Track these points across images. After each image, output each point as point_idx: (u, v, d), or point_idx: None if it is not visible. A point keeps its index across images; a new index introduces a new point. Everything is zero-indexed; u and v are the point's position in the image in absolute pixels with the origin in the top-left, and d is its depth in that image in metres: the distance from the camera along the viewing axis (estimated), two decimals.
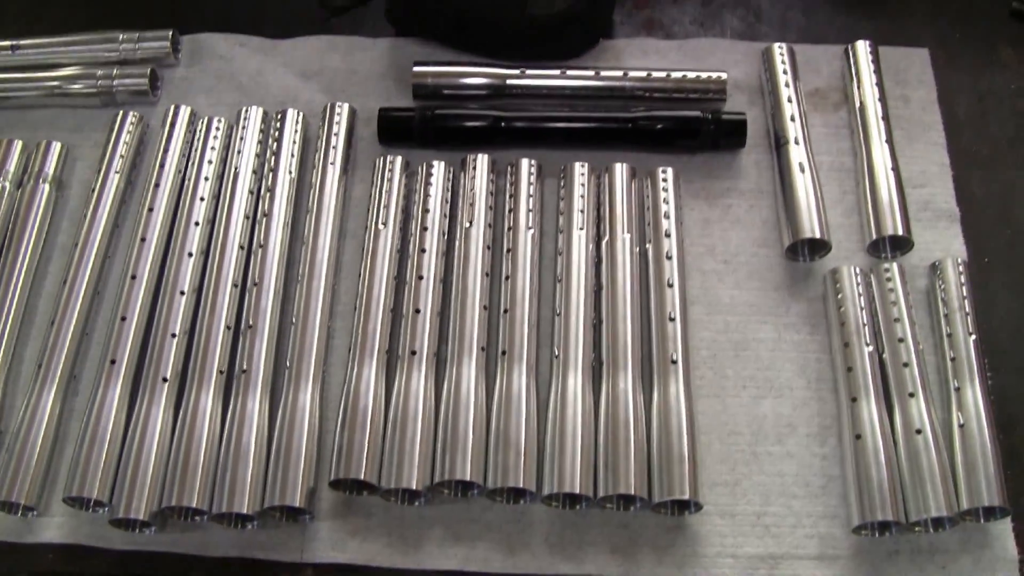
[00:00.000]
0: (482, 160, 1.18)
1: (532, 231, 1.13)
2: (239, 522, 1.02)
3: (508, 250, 1.12)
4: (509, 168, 1.18)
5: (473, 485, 1.01)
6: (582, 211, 1.14)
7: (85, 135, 1.26)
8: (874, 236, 1.12)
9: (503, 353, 1.06)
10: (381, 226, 1.14)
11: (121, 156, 1.20)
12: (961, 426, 1.02)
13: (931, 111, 1.24)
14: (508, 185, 1.17)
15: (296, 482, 1.01)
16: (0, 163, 1.22)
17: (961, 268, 1.10)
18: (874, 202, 1.14)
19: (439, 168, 1.18)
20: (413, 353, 1.06)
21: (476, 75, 1.23)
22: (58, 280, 1.15)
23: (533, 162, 1.18)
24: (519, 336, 1.07)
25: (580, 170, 1.16)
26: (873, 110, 1.19)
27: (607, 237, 1.12)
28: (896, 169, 1.15)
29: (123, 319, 1.09)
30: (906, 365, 1.04)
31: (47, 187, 1.19)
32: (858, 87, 1.22)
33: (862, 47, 1.24)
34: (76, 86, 1.26)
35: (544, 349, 1.09)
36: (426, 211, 1.15)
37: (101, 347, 1.10)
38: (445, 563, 1.01)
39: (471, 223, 1.14)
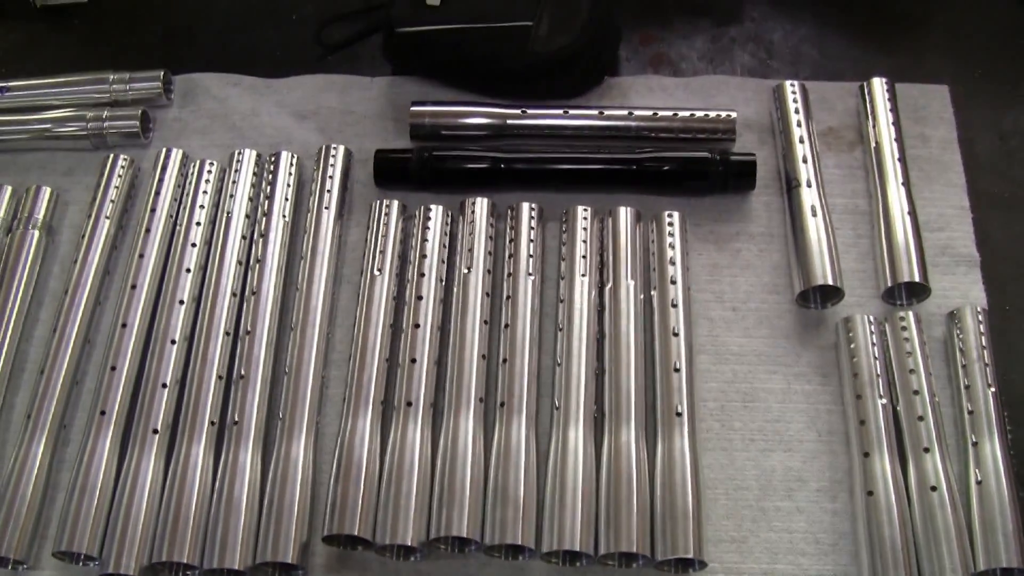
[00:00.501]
0: (481, 204, 1.22)
1: (533, 277, 1.17)
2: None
3: (508, 297, 1.16)
4: (509, 211, 1.22)
5: (470, 541, 1.04)
6: (584, 256, 1.17)
7: (76, 178, 1.31)
8: (889, 283, 1.15)
9: (502, 404, 1.09)
10: (376, 272, 1.18)
11: (111, 201, 1.25)
12: (979, 483, 1.05)
13: (951, 150, 1.28)
14: (508, 229, 1.21)
15: (288, 537, 1.04)
16: None
17: (980, 316, 1.13)
18: (890, 247, 1.17)
19: (437, 212, 1.22)
20: (409, 404, 1.10)
21: (475, 115, 1.27)
22: (49, 327, 1.19)
23: (534, 205, 1.22)
24: (518, 387, 1.10)
25: (583, 214, 1.20)
26: (889, 150, 1.23)
27: (610, 283, 1.16)
28: (913, 213, 1.18)
29: (113, 368, 1.14)
30: (921, 419, 1.07)
31: (36, 233, 1.24)
32: (874, 126, 1.25)
33: (878, 84, 1.28)
34: (66, 129, 1.31)
35: (545, 399, 1.13)
36: (423, 256, 1.19)
37: (92, 396, 1.14)
38: None
39: (470, 269, 1.17)
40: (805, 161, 1.22)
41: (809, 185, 1.20)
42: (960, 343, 1.12)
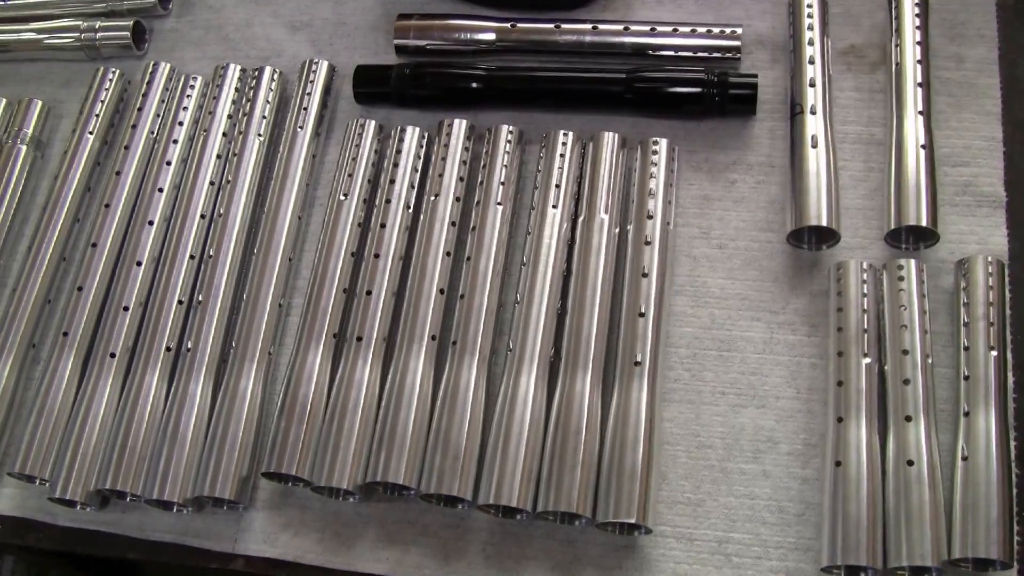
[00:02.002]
0: (458, 126, 1.08)
1: (502, 207, 1.03)
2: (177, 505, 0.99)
3: (473, 227, 1.03)
4: (488, 134, 1.08)
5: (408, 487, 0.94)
6: (559, 186, 1.03)
7: (73, 90, 1.23)
8: (892, 225, 0.97)
9: (454, 343, 0.98)
10: (343, 197, 1.06)
11: (96, 116, 1.16)
12: (965, 459, 0.88)
13: (988, 73, 1.05)
14: (484, 154, 1.07)
15: (228, 472, 0.96)
16: None
17: (992, 268, 0.93)
18: (897, 185, 0.97)
19: (412, 134, 1.08)
20: (359, 339, 0.99)
21: (461, 28, 1.12)
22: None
23: (512, 128, 1.07)
24: (473, 325, 0.98)
25: (562, 139, 1.05)
26: (911, 73, 1.02)
27: (584, 216, 1.02)
28: (929, 146, 0.98)
29: (80, 289, 1.07)
30: (907, 383, 0.90)
31: (24, 148, 1.17)
32: (897, 45, 1.04)
33: None
34: (60, 39, 1.23)
35: (503, 339, 1.00)
36: (391, 182, 1.06)
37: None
38: (376, 566, 0.95)
39: (437, 196, 1.04)
40: (812, 85, 1.02)
41: (813, 112, 1.01)
42: (965, 297, 0.93)
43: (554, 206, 1.02)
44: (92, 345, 1.05)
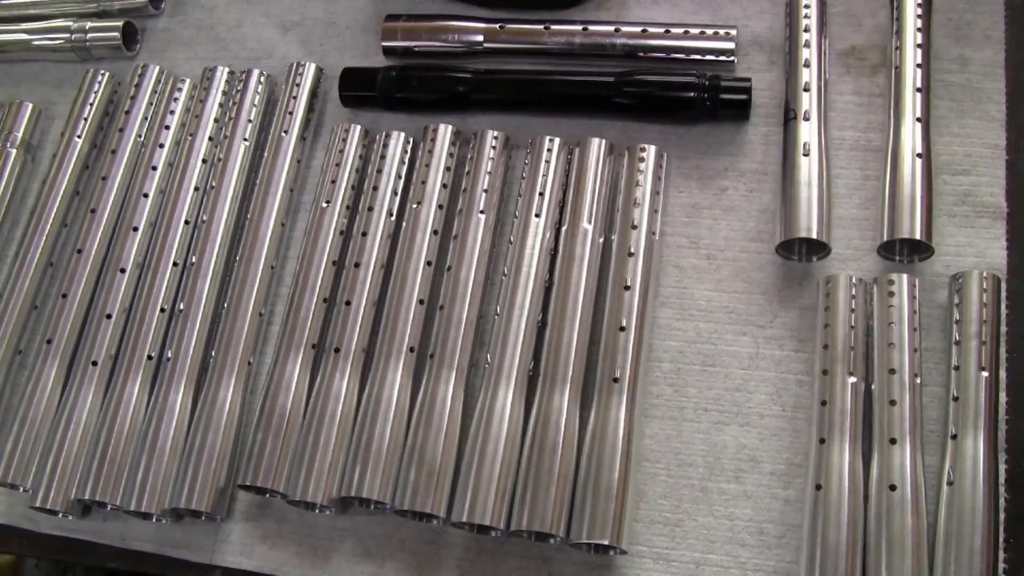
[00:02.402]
0: (443, 131, 1.05)
1: (485, 215, 1.00)
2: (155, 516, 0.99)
3: (456, 236, 1.01)
4: (473, 139, 1.05)
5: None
6: (542, 194, 1.00)
7: (64, 92, 1.22)
8: (885, 237, 0.93)
9: (431, 356, 0.96)
10: (325, 203, 1.04)
11: (85, 119, 1.15)
12: (950, 484, 0.84)
13: (993, 77, 1.00)
14: (469, 160, 1.04)
15: (205, 484, 0.95)
16: None
17: (987, 284, 0.89)
18: (891, 195, 0.93)
19: (396, 140, 1.06)
20: (337, 351, 0.97)
21: (449, 30, 1.09)
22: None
23: (497, 134, 1.04)
24: (452, 338, 0.96)
25: (548, 145, 1.02)
26: (910, 77, 0.97)
27: (567, 226, 0.99)
28: (926, 155, 0.93)
29: (64, 296, 1.06)
30: (893, 403, 0.86)
31: (14, 152, 1.16)
32: (898, 47, 1.00)
33: None
34: (51, 40, 1.21)
35: (483, 351, 0.98)
36: (374, 189, 1.04)
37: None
38: None
39: (419, 203, 1.02)
40: (807, 90, 0.98)
41: (807, 118, 0.97)
42: (958, 314, 0.89)
43: (537, 215, 0.99)
44: (76, 353, 1.04)
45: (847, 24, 1.05)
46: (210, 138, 1.11)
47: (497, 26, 1.08)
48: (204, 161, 1.10)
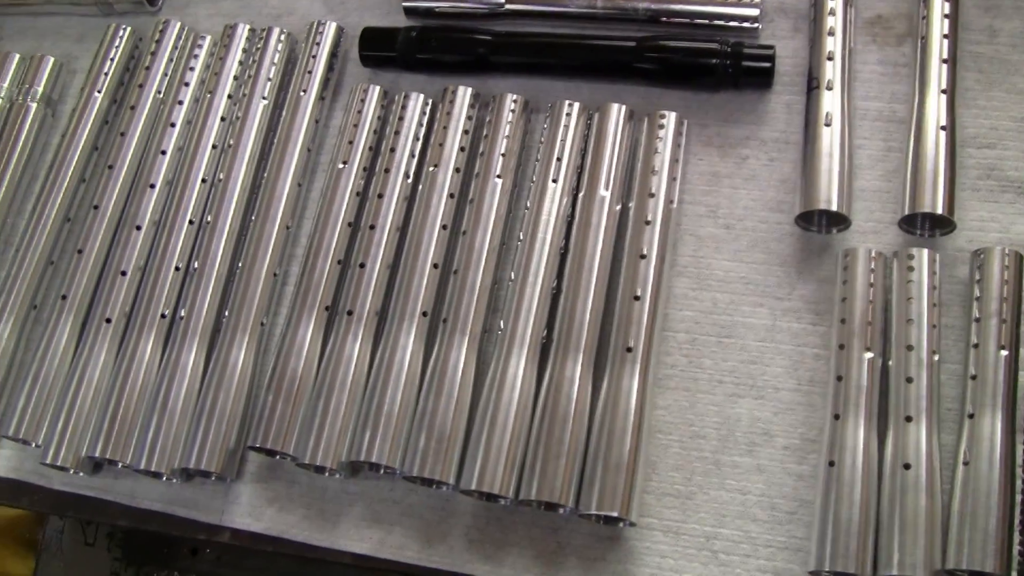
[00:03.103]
0: (463, 93, 1.02)
1: (502, 180, 0.98)
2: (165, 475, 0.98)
3: (472, 200, 0.99)
4: (492, 102, 1.03)
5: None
6: (560, 159, 0.97)
7: (86, 46, 1.20)
8: (906, 211, 0.90)
9: (444, 321, 0.94)
10: (342, 164, 1.02)
11: (106, 74, 1.13)
12: (966, 464, 0.82)
13: (1022, 49, 0.97)
14: (487, 123, 1.02)
15: (216, 445, 0.94)
16: None
17: (1008, 260, 0.86)
18: (914, 168, 0.90)
19: (415, 101, 1.03)
20: (350, 313, 0.96)
21: None
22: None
23: (516, 97, 1.01)
24: (465, 303, 0.94)
25: (567, 110, 0.99)
26: (936, 48, 0.94)
27: (584, 192, 0.97)
28: (950, 128, 0.91)
29: (80, 251, 1.05)
30: (910, 380, 0.84)
31: (35, 106, 1.14)
32: (925, 16, 0.96)
33: None
34: None
35: (495, 317, 0.96)
36: (392, 151, 1.02)
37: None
38: (358, 545, 0.93)
39: (436, 166, 1.00)
40: (831, 58, 0.95)
41: (830, 88, 0.94)
42: (979, 291, 0.87)
43: (554, 180, 0.97)
44: (90, 309, 1.03)
45: None
46: (229, 96, 1.09)
47: None
48: (223, 119, 1.08)
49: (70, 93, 1.19)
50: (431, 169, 1.00)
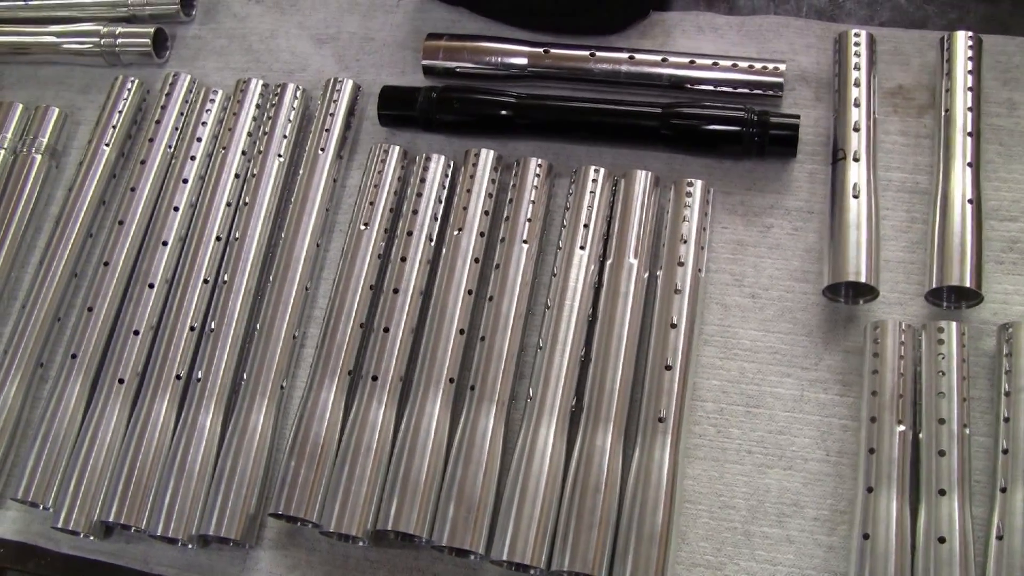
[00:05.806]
0: (485, 156, 1.03)
1: (528, 245, 0.99)
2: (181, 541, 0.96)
3: (497, 265, 0.99)
4: (516, 165, 1.03)
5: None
6: (587, 226, 0.98)
7: (91, 97, 1.19)
8: (935, 284, 0.92)
9: (472, 388, 0.94)
10: (363, 226, 1.02)
11: (113, 127, 1.12)
12: (999, 538, 0.83)
13: None
14: (511, 187, 1.03)
15: (235, 511, 0.93)
16: None
17: None
18: (941, 241, 0.92)
19: (436, 163, 1.04)
20: (375, 379, 0.95)
21: (492, 52, 1.07)
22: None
23: (540, 162, 1.02)
24: (493, 370, 0.94)
25: (592, 175, 1.00)
26: (961, 121, 0.97)
27: (612, 260, 0.97)
28: (977, 201, 0.93)
29: (90, 309, 1.03)
30: (942, 454, 0.85)
31: (39, 157, 1.13)
32: (947, 90, 0.99)
33: (961, 39, 0.99)
34: (80, 44, 1.18)
35: (523, 383, 0.96)
36: (414, 213, 1.02)
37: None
38: None
39: (461, 230, 1.00)
40: (857, 129, 0.97)
41: (857, 159, 0.96)
42: (1007, 364, 0.89)
43: (582, 247, 0.97)
44: (100, 369, 1.01)
45: (894, 62, 1.05)
46: (243, 152, 1.08)
47: (542, 50, 1.06)
48: (237, 176, 1.07)
49: (74, 145, 1.18)
50: (455, 233, 1.00)
